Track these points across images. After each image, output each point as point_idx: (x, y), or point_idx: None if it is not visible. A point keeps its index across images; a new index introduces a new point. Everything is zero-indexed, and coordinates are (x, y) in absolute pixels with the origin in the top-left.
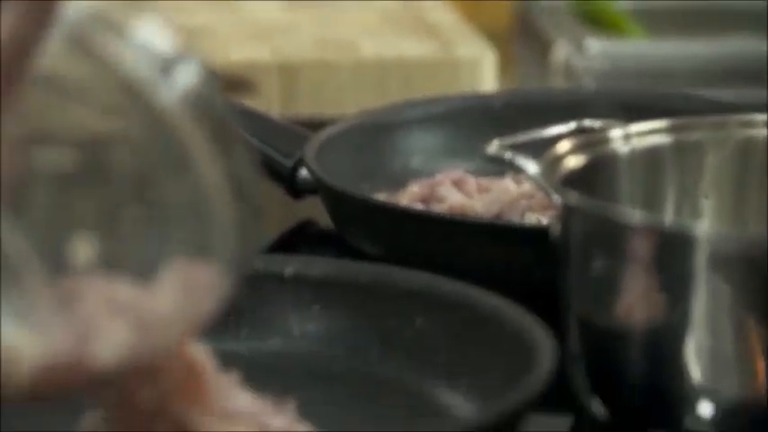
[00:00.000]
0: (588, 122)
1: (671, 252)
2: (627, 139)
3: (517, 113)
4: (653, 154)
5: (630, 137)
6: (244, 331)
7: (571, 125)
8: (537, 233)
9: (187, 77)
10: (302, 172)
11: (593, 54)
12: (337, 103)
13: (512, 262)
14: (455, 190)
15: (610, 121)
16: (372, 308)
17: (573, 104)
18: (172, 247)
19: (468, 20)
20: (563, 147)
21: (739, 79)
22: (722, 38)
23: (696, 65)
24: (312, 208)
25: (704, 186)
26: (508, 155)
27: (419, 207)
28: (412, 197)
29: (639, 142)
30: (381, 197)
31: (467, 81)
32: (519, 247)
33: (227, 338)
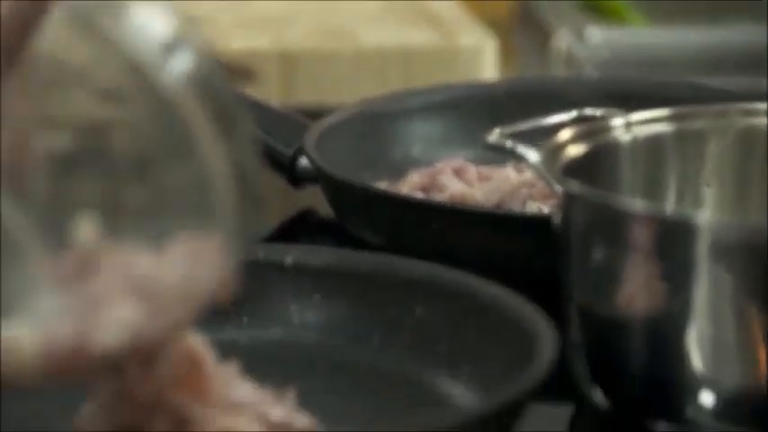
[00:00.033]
0: (589, 111)
1: (672, 241)
2: (628, 127)
3: (518, 102)
4: (654, 142)
5: (632, 125)
6: (244, 320)
7: (572, 114)
8: (538, 222)
9: (190, 60)
10: (302, 161)
11: (594, 43)
12: (337, 92)
13: (513, 251)
14: (456, 179)
15: (611, 110)
16: (373, 297)
17: (574, 93)
18: (175, 224)
19: (469, 9)
20: (564, 135)
21: (740, 67)
22: (723, 26)
23: (697, 53)
24: (312, 197)
25: (706, 175)
26: (509, 143)
27: (420, 196)
28: (412, 186)
29: (641, 131)
30: (382, 186)
31: (467, 70)
32: (520, 236)
33: (227, 327)
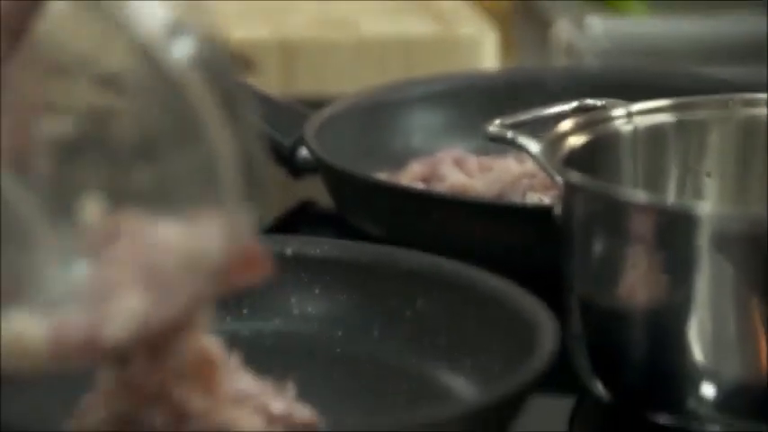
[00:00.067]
0: (590, 101)
1: (673, 232)
2: (629, 117)
3: (519, 92)
4: (655, 133)
5: (632, 116)
6: (244, 312)
7: (573, 104)
8: (539, 213)
9: (194, 44)
10: (302, 151)
11: (594, 33)
12: (338, 82)
13: (513, 242)
14: (456, 169)
15: (612, 100)
16: (373, 288)
17: (575, 83)
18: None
19: None
20: (565, 126)
21: (741, 57)
22: (724, 16)
23: (698, 43)
24: (312, 188)
25: (707, 165)
26: (510, 134)
27: (420, 186)
28: (413, 176)
29: (641, 121)
30: (382, 176)
31: (468, 60)
32: (520, 227)
33: (227, 319)
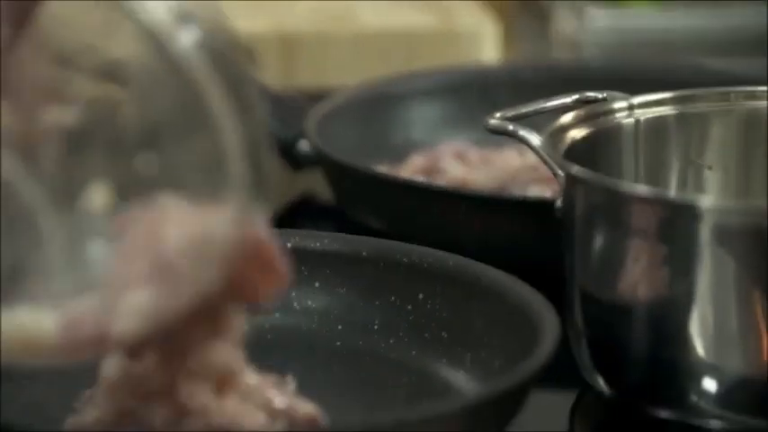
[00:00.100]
0: (591, 94)
1: (675, 225)
2: (630, 110)
3: (520, 85)
4: (657, 125)
5: (634, 108)
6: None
7: (574, 97)
8: (540, 206)
9: (202, 32)
10: (302, 144)
11: (595, 25)
12: (338, 75)
13: (514, 235)
14: (457, 162)
15: (613, 93)
16: (373, 282)
17: (576, 76)
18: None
19: None
20: (566, 119)
21: (743, 50)
22: (727, 8)
23: (700, 36)
24: (313, 181)
25: (708, 158)
26: (511, 127)
27: (421, 179)
28: (413, 169)
29: (643, 114)
30: (383, 169)
31: (469, 52)
32: (521, 221)
33: None
